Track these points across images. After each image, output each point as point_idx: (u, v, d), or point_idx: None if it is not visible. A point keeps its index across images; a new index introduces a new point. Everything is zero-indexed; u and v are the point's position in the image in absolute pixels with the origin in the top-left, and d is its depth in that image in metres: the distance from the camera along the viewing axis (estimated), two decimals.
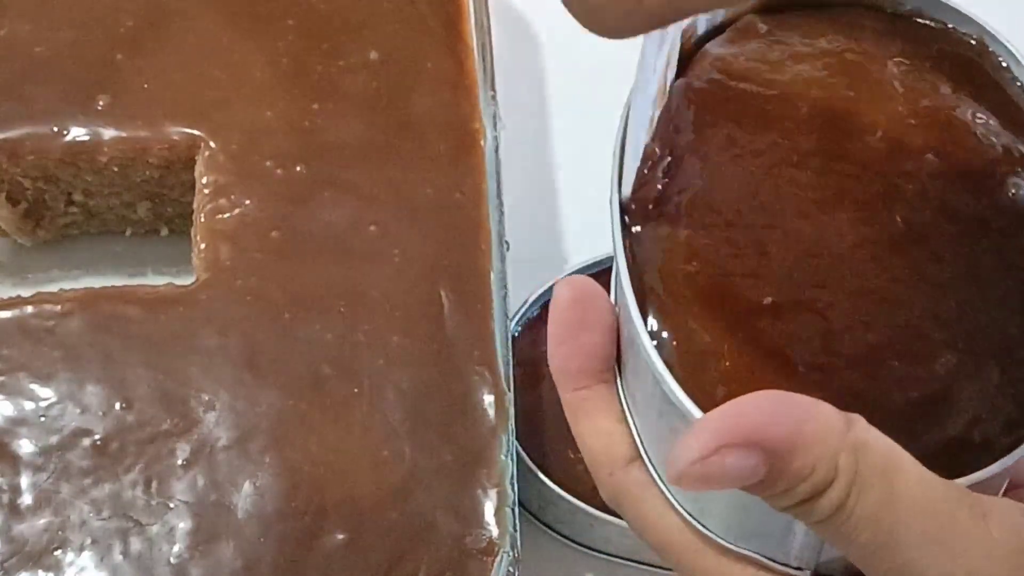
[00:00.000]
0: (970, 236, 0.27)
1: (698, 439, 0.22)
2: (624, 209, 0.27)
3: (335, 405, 0.42)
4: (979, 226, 0.27)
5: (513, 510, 0.40)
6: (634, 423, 0.28)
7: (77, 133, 0.47)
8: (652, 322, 0.26)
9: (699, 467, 0.22)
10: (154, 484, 0.40)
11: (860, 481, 0.22)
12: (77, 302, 0.43)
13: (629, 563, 0.47)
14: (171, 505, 0.40)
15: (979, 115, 0.28)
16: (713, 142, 0.28)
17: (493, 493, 0.40)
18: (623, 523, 0.44)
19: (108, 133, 0.47)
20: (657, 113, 0.28)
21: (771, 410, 0.22)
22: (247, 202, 0.46)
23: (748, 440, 0.22)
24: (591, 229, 0.49)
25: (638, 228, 0.27)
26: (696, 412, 0.24)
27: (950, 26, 0.30)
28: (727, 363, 0.25)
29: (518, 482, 0.41)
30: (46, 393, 0.41)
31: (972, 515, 0.23)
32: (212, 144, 0.47)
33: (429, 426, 0.41)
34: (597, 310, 0.27)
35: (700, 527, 0.27)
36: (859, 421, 0.23)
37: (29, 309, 0.43)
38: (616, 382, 0.28)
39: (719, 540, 0.27)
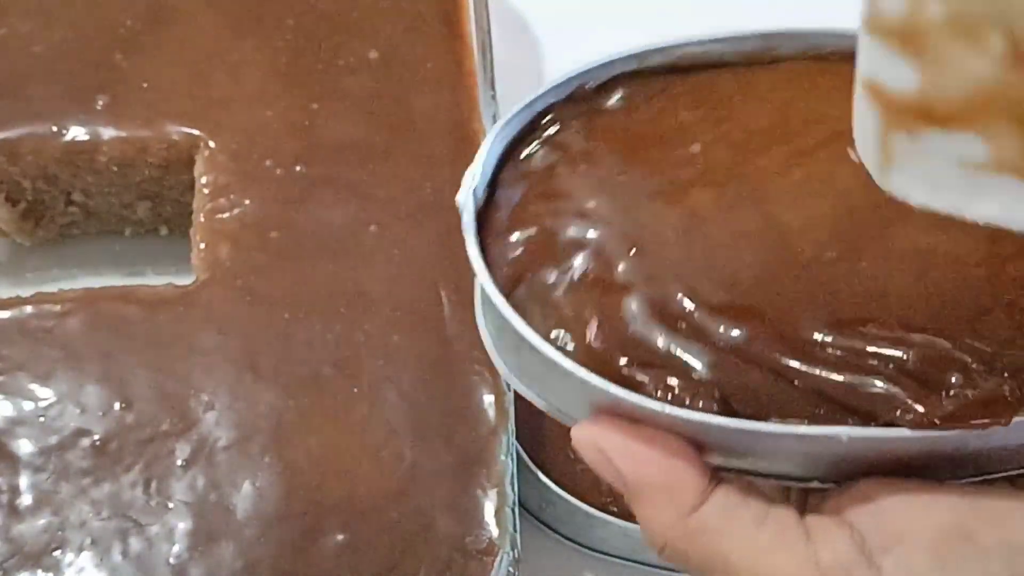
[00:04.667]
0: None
1: (591, 430, 0.26)
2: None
3: (335, 405, 0.42)
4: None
5: (513, 510, 0.40)
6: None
7: (76, 133, 0.47)
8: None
9: (580, 444, 0.26)
10: (154, 484, 0.40)
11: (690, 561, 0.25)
12: (76, 302, 0.43)
13: (629, 563, 0.47)
14: (170, 505, 0.39)
15: None
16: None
17: (493, 493, 0.40)
18: (623, 523, 0.45)
19: (107, 133, 0.47)
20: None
21: (646, 457, 0.25)
22: (247, 202, 0.46)
23: (614, 465, 0.25)
24: None
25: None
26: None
27: None
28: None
29: (518, 482, 0.41)
30: (45, 393, 0.41)
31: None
32: (212, 144, 0.47)
33: (429, 426, 0.41)
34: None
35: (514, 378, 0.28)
36: (712, 502, 0.25)
37: (28, 309, 0.43)
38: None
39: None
